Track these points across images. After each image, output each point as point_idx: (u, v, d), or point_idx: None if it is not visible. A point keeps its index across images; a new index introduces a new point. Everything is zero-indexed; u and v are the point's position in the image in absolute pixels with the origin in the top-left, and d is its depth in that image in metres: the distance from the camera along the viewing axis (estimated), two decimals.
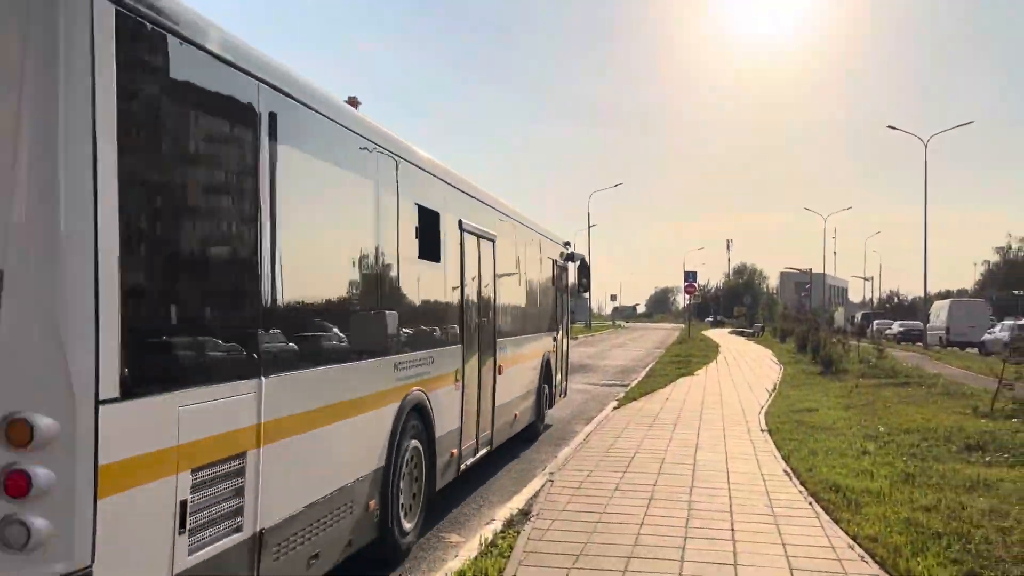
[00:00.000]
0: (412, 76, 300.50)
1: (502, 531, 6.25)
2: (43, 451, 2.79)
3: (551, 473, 8.36)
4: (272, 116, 4.22)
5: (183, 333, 3.54)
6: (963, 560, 5.50)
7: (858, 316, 61.69)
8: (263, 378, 4.05)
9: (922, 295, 50.28)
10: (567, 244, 14.28)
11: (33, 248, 2.81)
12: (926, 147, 44.24)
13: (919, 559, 5.47)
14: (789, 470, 8.64)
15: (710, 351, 33.25)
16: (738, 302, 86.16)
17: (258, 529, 4.02)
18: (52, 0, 2.85)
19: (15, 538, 2.76)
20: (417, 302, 6.54)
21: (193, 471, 3.50)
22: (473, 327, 8.03)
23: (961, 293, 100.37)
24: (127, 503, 3.10)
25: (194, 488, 3.51)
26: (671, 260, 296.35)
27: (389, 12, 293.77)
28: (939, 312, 45.14)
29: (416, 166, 6.63)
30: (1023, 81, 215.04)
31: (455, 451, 7.47)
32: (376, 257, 5.69)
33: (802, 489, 7.75)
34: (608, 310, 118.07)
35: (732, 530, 6.31)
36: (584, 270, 15.16)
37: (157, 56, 3.33)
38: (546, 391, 12.20)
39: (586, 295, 16.82)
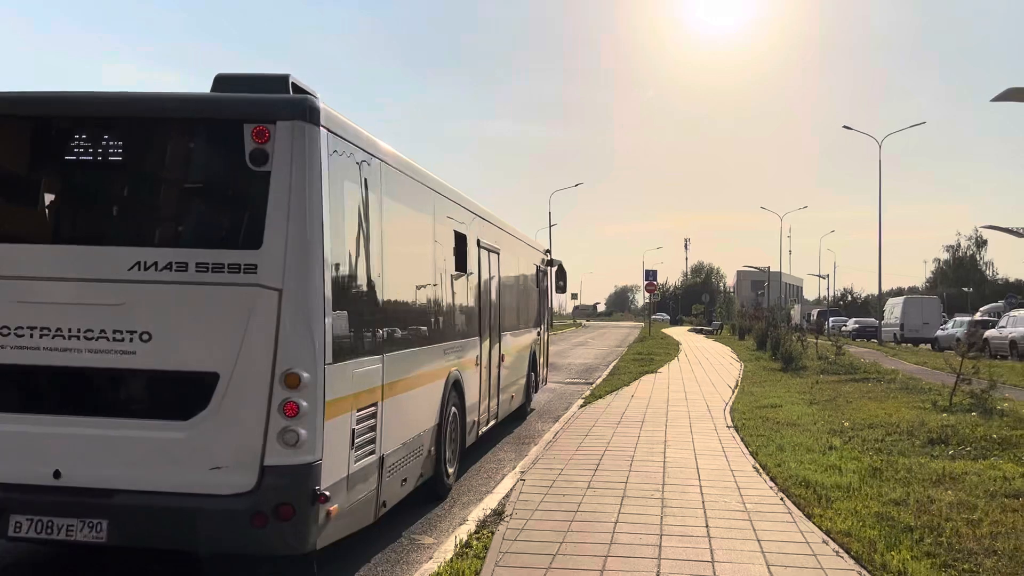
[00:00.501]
0: (363, 73, 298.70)
1: (476, 532, 6.17)
2: (303, 391, 4.81)
3: (522, 472, 8.30)
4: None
5: (352, 330, 5.49)
6: (936, 553, 5.54)
7: (813, 314, 62.60)
8: (384, 355, 6.09)
9: (875, 292, 51.19)
10: (547, 251, 16.31)
11: (297, 282, 4.86)
12: (880, 147, 45.06)
13: (893, 553, 5.50)
14: (758, 466, 8.68)
15: (671, 349, 33.47)
16: (696, 300, 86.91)
17: (381, 454, 6.01)
18: (313, 139, 4.93)
19: (290, 440, 4.77)
20: (455, 304, 8.50)
21: (357, 411, 5.51)
22: (486, 323, 10.01)
23: (912, 290, 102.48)
24: (333, 425, 5.08)
25: (357, 422, 5.51)
26: (630, 259, 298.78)
27: (340, 10, 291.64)
28: (893, 309, 45.94)
29: (456, 203, 8.72)
30: (973, 84, 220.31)
31: (476, 419, 9.46)
32: (436, 273, 7.75)
33: (772, 484, 7.78)
34: (569, 309, 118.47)
35: (707, 527, 6.30)
36: (561, 274, 17.14)
37: (347, 159, 5.51)
38: (533, 378, 14.24)
39: (563, 295, 19.10)
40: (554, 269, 16.65)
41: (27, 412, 5.02)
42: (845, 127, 47.38)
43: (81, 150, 5.07)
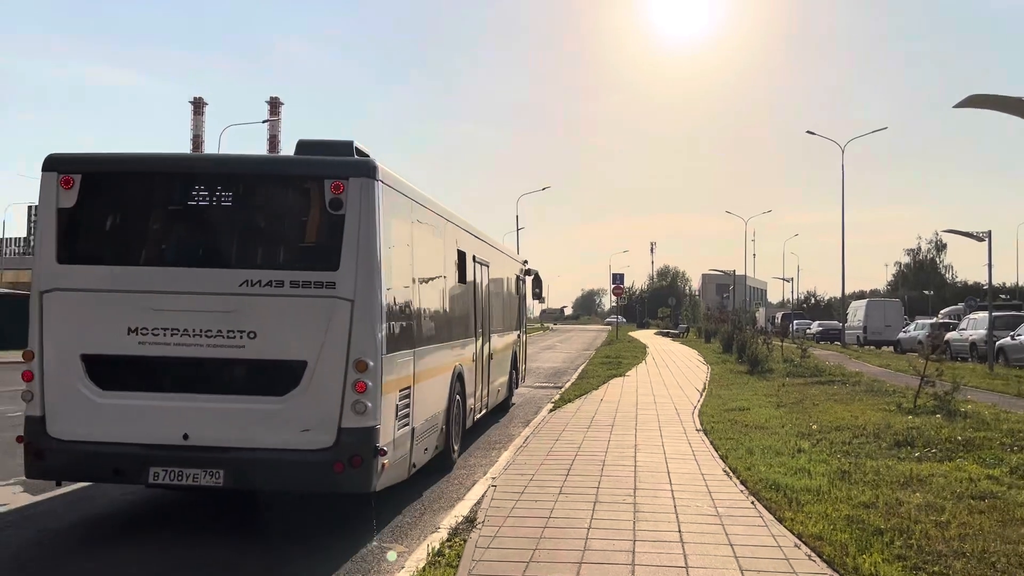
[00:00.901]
0: (330, 75, 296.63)
1: (448, 540, 6.11)
2: (368, 373, 6.45)
3: (493, 478, 8.24)
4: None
5: (397, 331, 7.19)
6: (907, 556, 5.58)
7: (778, 317, 63.25)
8: (415, 350, 7.84)
9: (839, 295, 51.90)
10: (525, 262, 17.97)
11: (363, 293, 6.52)
12: (843, 152, 45.65)
13: (865, 556, 5.53)
14: (728, 469, 8.70)
15: (638, 352, 33.60)
16: (663, 303, 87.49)
17: (413, 426, 7.74)
18: (369, 192, 6.62)
19: (359, 409, 6.41)
20: (459, 310, 10.35)
21: (399, 391, 7.29)
22: (480, 325, 11.77)
23: (875, 293, 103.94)
24: (386, 401, 6.77)
25: (399, 399, 7.29)
26: (597, 262, 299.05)
27: (306, 12, 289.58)
28: (856, 312, 46.57)
29: (459, 226, 10.48)
30: (934, 90, 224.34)
31: (473, 406, 11.24)
32: (447, 285, 9.61)
33: (743, 488, 7.81)
34: (536, 312, 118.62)
35: (679, 532, 6.30)
36: (538, 282, 19.01)
37: (394, 202, 7.24)
38: (514, 375, 16.03)
39: (539, 302, 20.71)
40: (531, 278, 18.39)
41: (162, 391, 6.69)
42: (808, 132, 47.88)
43: (206, 197, 6.88)
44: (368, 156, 7.17)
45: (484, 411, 12.43)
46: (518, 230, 63.78)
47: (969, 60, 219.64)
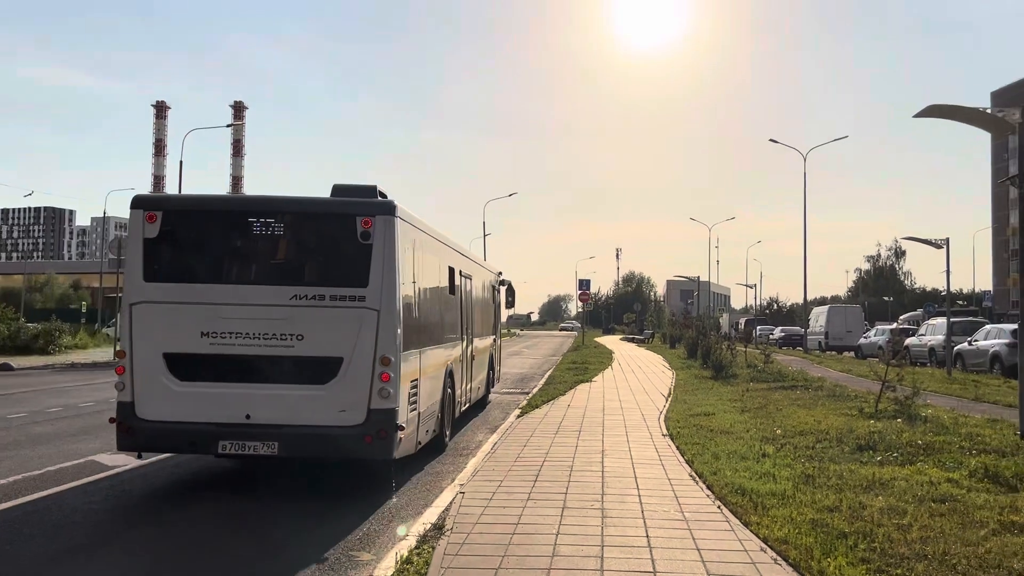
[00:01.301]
0: (295, 79, 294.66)
1: (416, 547, 6.08)
2: (390, 366, 8.09)
3: (461, 485, 8.22)
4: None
5: (409, 334, 8.77)
6: (870, 559, 5.66)
7: (741, 322, 63.89)
8: (421, 349, 9.52)
9: (801, 301, 52.52)
10: (500, 273, 19.78)
11: (386, 304, 8.19)
12: (805, 160, 46.32)
13: (830, 560, 5.60)
14: (695, 474, 8.77)
15: (604, 358, 33.73)
16: (628, 309, 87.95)
17: (419, 410, 9.31)
18: (390, 226, 8.32)
19: (384, 394, 8.04)
20: (449, 317, 12.09)
21: (411, 382, 8.83)
22: (464, 330, 13.53)
23: (836, 299, 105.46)
24: (403, 389, 8.34)
25: (410, 388, 8.82)
26: (563, 268, 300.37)
27: (271, 17, 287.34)
28: (818, 318, 47.21)
29: (450, 247, 12.34)
30: (892, 100, 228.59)
31: (460, 399, 12.95)
32: (441, 297, 11.40)
33: (709, 493, 7.87)
34: (503, 318, 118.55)
35: (647, 536, 6.33)
36: (511, 291, 20.64)
37: (407, 234, 8.88)
38: (491, 375, 17.93)
39: (511, 310, 25.20)
40: (504, 288, 20.17)
41: (229, 381, 8.30)
42: (771, 140, 48.60)
43: (262, 229, 8.60)
44: (388, 197, 8.82)
45: (467, 404, 14.33)
46: (484, 236, 63.76)
47: (930, 71, 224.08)
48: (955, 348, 26.99)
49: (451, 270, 12.27)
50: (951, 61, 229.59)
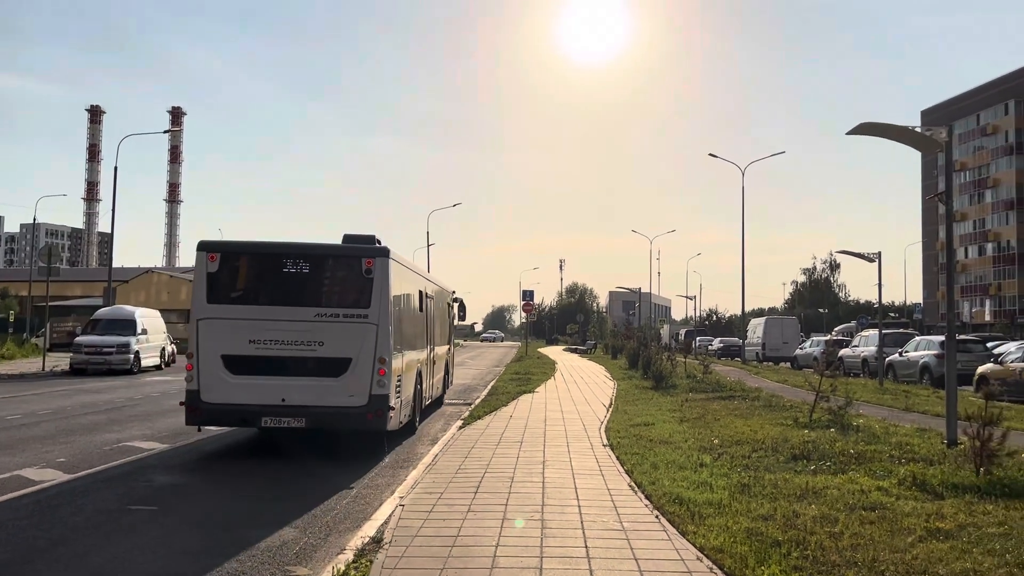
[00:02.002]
0: (239, 89, 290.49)
1: (354, 561, 6.00)
2: (386, 364, 11.38)
3: (401, 497, 8.15)
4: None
5: (397, 341, 11.94)
6: (803, 567, 5.76)
7: (682, 333, 64.73)
8: (403, 352, 12.58)
9: (739, 313, 53.43)
10: (453, 291, 22.68)
11: (383, 321, 11.47)
12: (743, 174, 47.24)
13: (763, 568, 5.69)
14: (634, 484, 8.84)
15: (547, 368, 33.83)
16: (571, 320, 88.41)
17: (401, 398, 12.33)
18: (385, 265, 11.68)
19: (382, 384, 11.31)
20: (419, 329, 14.91)
21: (397, 376, 11.93)
22: (429, 339, 16.35)
23: (773, 311, 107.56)
24: (393, 381, 11.62)
25: (397, 381, 11.93)
26: (507, 279, 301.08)
27: (211, 21, 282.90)
28: (755, 329, 48.07)
29: (425, 276, 16.23)
30: (827, 117, 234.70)
31: (425, 394, 15.76)
32: (414, 313, 14.23)
33: (648, 503, 7.94)
34: None
35: (586, 547, 6.35)
36: (462, 307, 24.15)
37: (396, 270, 12.24)
38: (447, 378, 20.67)
39: (461, 323, 27.11)
40: (457, 304, 23.29)
41: (269, 375, 11.23)
42: (711, 155, 49.38)
43: (295, 266, 11.68)
44: (384, 245, 12.09)
45: (430, 400, 16.96)
46: (428, 246, 63.56)
47: (865, 89, 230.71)
48: (887, 359, 27.73)
49: (421, 293, 15.32)
50: (885, 80, 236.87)
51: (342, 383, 11.26)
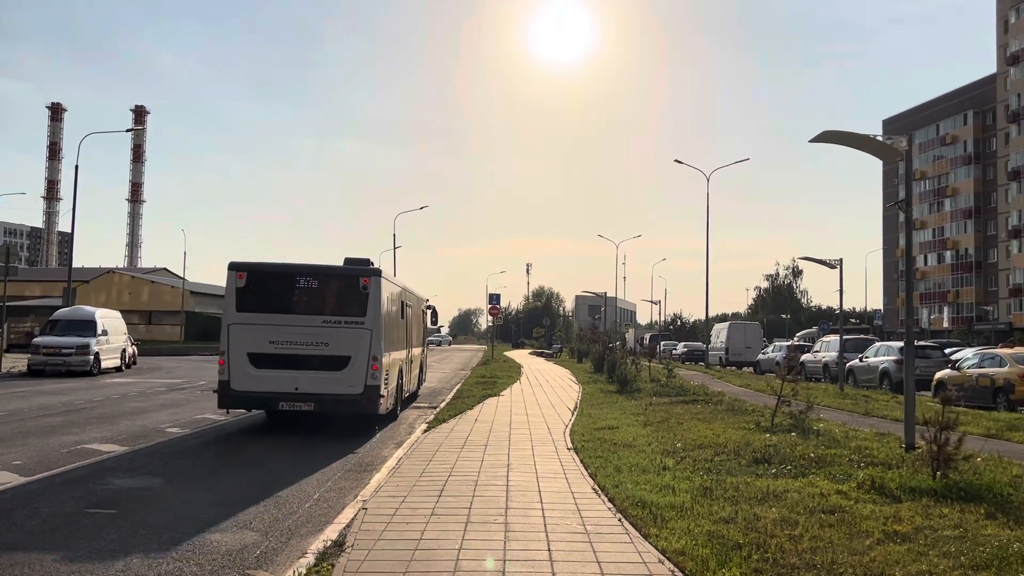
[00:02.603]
0: (204, 89, 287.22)
1: (316, 565, 5.97)
2: (378, 361, 14.14)
3: (364, 501, 8.11)
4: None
5: (385, 344, 14.60)
6: (763, 569, 5.83)
7: (646, 338, 65.13)
8: (390, 352, 15.18)
9: (703, 318, 53.84)
10: (428, 299, 25.87)
11: (375, 327, 14.22)
12: (708, 180, 47.70)
13: (724, 570, 5.74)
14: (597, 487, 8.87)
15: (513, 372, 33.85)
16: (538, 324, 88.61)
17: (389, 389, 15.16)
18: (378, 283, 14.49)
19: (374, 377, 14.06)
20: (401, 333, 17.35)
21: (385, 371, 14.67)
22: (408, 341, 18.93)
23: (736, 316, 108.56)
24: (383, 374, 14.40)
25: (385, 374, 14.65)
26: (474, 283, 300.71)
27: (176, 20, 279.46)
28: (719, 334, 48.51)
29: (405, 289, 18.79)
30: (792, 125, 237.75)
31: (405, 388, 18.06)
32: (398, 320, 17.02)
33: (611, 506, 7.97)
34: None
35: (549, 551, 6.36)
36: (434, 313, 27.55)
37: (385, 285, 15.17)
38: (421, 375, 23.77)
39: (434, 327, 30.01)
40: (430, 311, 26.51)
41: (285, 369, 13.74)
42: (677, 161, 49.80)
43: (306, 283, 14.27)
44: (377, 267, 14.87)
45: (408, 393, 19.43)
46: (395, 249, 63.29)
47: (828, 98, 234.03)
48: (847, 364, 28.13)
49: (402, 303, 18.12)
50: (848, 90, 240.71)
51: (343, 376, 13.98)
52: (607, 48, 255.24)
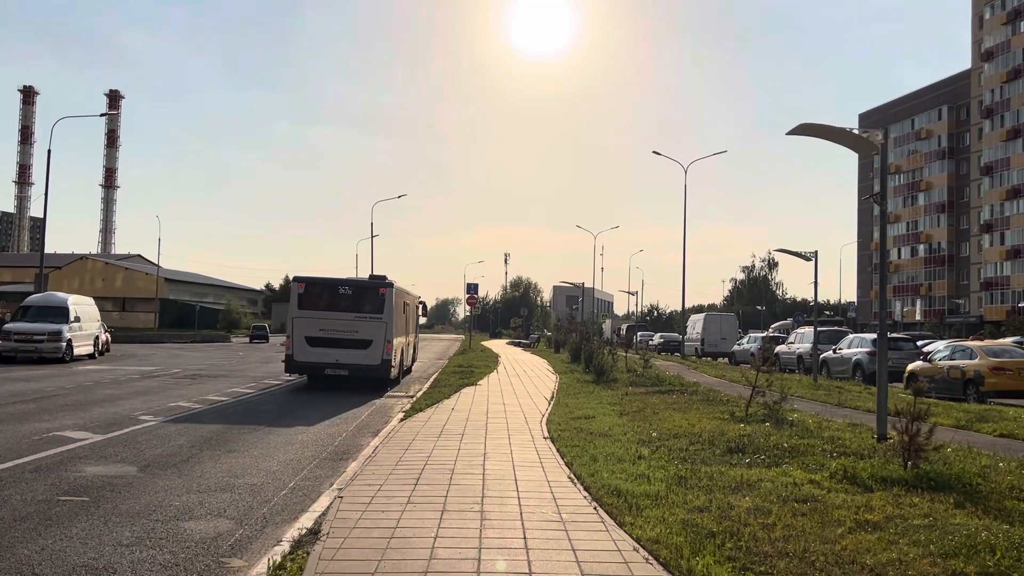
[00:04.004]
0: (177, 73, 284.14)
1: (291, 553, 5.95)
2: (391, 343, 21.74)
3: (340, 489, 8.09)
4: (404, 298, 25.97)
5: (396, 330, 22.36)
6: (736, 557, 5.88)
7: (623, 328, 65.38)
8: (397, 338, 22.76)
9: (679, 309, 54.10)
10: (420, 297, 33.12)
11: (388, 320, 21.59)
12: (686, 172, 47.92)
13: (698, 558, 5.78)
14: (573, 476, 8.91)
15: (491, 361, 33.89)
16: (515, 314, 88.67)
17: (396, 362, 23.09)
18: (391, 292, 22.17)
19: (387, 354, 21.48)
20: (404, 324, 25.06)
21: (395, 350, 22.48)
22: (407, 329, 26.46)
23: (712, 307, 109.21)
24: (394, 352, 22.24)
25: (395, 352, 22.50)
26: (452, 272, 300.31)
27: (156, 8, 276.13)
28: (695, 325, 48.81)
29: (407, 292, 27.31)
30: (768, 118, 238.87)
31: (405, 363, 26.40)
32: (401, 314, 24.24)
33: (586, 494, 8.00)
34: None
35: (524, 539, 6.38)
36: (424, 309, 34.90)
37: (395, 293, 22.79)
38: (414, 355, 31.22)
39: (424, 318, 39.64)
40: (421, 306, 33.48)
41: (329, 347, 21.04)
42: (655, 152, 49.94)
43: (344, 291, 21.63)
44: (391, 280, 21.95)
45: (407, 367, 27.34)
46: (372, 237, 63.15)
47: (805, 91, 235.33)
48: (821, 356, 28.39)
49: (404, 303, 24.98)
50: (825, 84, 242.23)
51: (367, 353, 21.07)
52: (586, 39, 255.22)
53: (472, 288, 50.88)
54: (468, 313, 59.58)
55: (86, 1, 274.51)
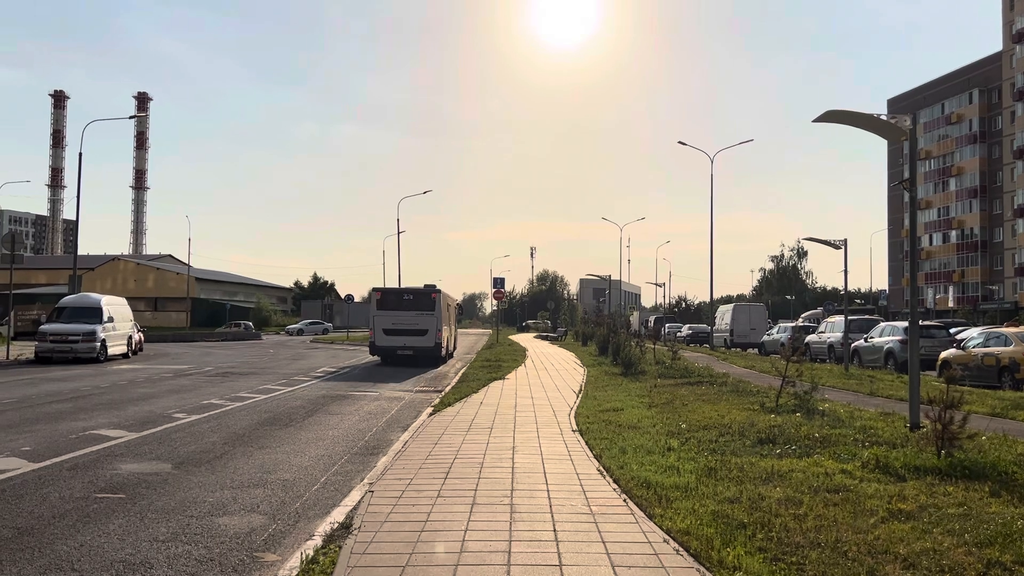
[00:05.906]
0: (206, 75, 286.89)
1: (323, 547, 6.02)
2: (442, 332, 31.15)
3: (371, 484, 8.16)
4: (447, 300, 35.42)
5: (444, 323, 31.65)
6: (767, 548, 5.86)
7: (651, 320, 65.15)
8: (445, 328, 32.52)
9: (708, 300, 53.79)
10: (458, 301, 45.34)
11: (439, 316, 30.81)
12: (712, 162, 47.56)
13: (729, 549, 5.77)
14: (602, 468, 8.92)
15: (518, 355, 33.96)
16: (542, 307, 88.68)
17: (446, 345, 33.07)
18: (440, 295, 31.90)
19: (439, 339, 30.80)
20: (449, 318, 34.93)
21: (445, 336, 32.26)
22: (451, 321, 36.67)
23: (741, 298, 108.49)
24: (444, 337, 32.03)
25: (445, 339, 32.66)
26: (478, 267, 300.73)
27: (182, 10, 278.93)
28: (724, 316, 48.52)
29: (449, 296, 36.46)
30: (795, 105, 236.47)
31: (450, 347, 35.52)
32: (449, 314, 34.89)
33: (616, 487, 8.01)
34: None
35: (554, 531, 6.40)
36: (461, 309, 46.87)
37: (442, 296, 32.12)
38: (455, 341, 39.55)
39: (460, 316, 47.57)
40: (458, 307, 43.21)
41: (398, 336, 30.32)
42: (680, 143, 49.59)
43: (408, 296, 31.32)
44: (439, 288, 31.56)
45: (452, 351, 36.13)
46: (399, 233, 63.50)
47: (834, 77, 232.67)
48: (852, 345, 28.13)
49: (447, 304, 33.17)
50: (853, 69, 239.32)
51: (425, 338, 29.62)
52: (610, 30, 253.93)
53: (498, 282, 50.93)
54: (495, 307, 59.65)
55: (114, 5, 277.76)
